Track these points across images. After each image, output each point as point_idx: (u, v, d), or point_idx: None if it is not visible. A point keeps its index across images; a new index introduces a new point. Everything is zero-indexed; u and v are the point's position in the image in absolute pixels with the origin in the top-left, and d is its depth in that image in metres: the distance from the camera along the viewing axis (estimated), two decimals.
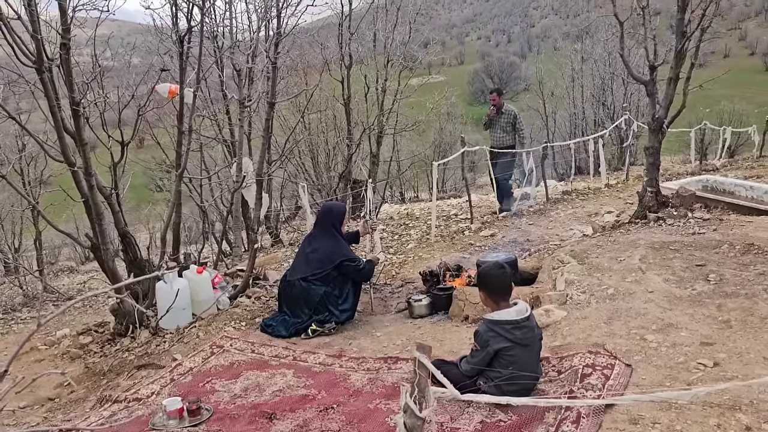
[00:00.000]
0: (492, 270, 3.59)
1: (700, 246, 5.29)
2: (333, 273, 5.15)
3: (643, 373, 3.48)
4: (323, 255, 5.16)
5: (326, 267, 5.12)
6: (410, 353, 4.55)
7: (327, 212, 5.42)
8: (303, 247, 5.38)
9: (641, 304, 4.27)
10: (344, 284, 5.20)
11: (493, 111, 9.31)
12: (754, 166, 11.43)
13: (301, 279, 5.16)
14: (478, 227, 8.70)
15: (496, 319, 3.42)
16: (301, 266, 5.23)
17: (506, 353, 3.36)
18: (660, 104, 6.09)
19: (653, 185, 6.23)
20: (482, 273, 3.62)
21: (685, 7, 5.72)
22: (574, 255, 5.43)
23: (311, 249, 5.24)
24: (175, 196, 5.42)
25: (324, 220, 5.36)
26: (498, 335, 3.38)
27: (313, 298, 5.10)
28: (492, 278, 3.53)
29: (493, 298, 3.50)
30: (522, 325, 3.39)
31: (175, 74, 5.64)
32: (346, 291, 5.20)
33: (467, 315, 5.05)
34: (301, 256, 5.31)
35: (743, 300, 4.16)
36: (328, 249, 5.18)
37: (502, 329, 3.37)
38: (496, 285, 3.51)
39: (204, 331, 5.34)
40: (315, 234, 5.34)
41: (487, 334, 3.41)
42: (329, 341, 5.01)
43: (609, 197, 9.75)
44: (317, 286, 5.11)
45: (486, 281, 3.55)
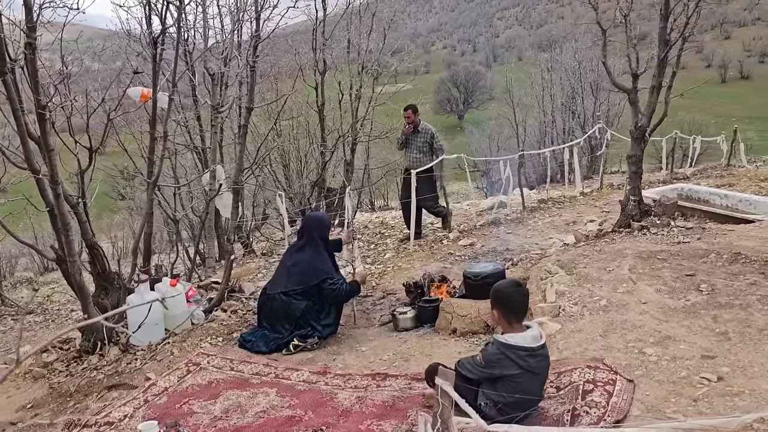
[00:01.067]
0: (508, 288, 3.36)
1: (687, 255, 5.24)
2: (314, 288, 4.93)
3: (646, 388, 3.36)
4: (305, 269, 4.94)
5: (307, 283, 4.90)
6: (398, 369, 4.38)
7: (313, 223, 5.20)
8: (285, 259, 5.16)
9: (636, 316, 4.17)
10: (327, 299, 4.99)
11: (409, 129, 8.52)
12: (724, 174, 11.60)
13: (282, 293, 4.93)
14: (456, 236, 8.57)
15: (510, 344, 3.16)
16: (281, 279, 5.00)
17: (514, 380, 3.15)
18: (642, 113, 6.06)
19: (636, 194, 6.19)
20: (498, 290, 3.36)
21: (667, 16, 5.70)
22: (561, 265, 5.32)
23: (293, 262, 5.02)
24: (148, 206, 5.14)
25: (309, 232, 5.14)
26: (509, 360, 3.13)
27: (294, 313, 4.89)
28: (509, 297, 3.29)
29: (507, 318, 3.27)
30: (537, 354, 3.18)
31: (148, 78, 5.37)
32: (329, 305, 4.99)
33: (455, 328, 4.89)
34: (282, 269, 5.09)
35: (738, 311, 4.09)
36: (311, 264, 4.96)
37: (516, 355, 3.14)
38: (512, 304, 3.28)
39: (178, 347, 5.06)
40: (299, 246, 5.12)
41: (496, 356, 3.16)
42: (312, 357, 4.79)
43: (585, 206, 9.75)
44: (298, 301, 4.90)
45: (501, 299, 3.30)
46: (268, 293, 5.01)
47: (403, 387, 4.04)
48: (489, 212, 10.02)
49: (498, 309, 3.28)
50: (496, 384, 3.21)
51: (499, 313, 3.26)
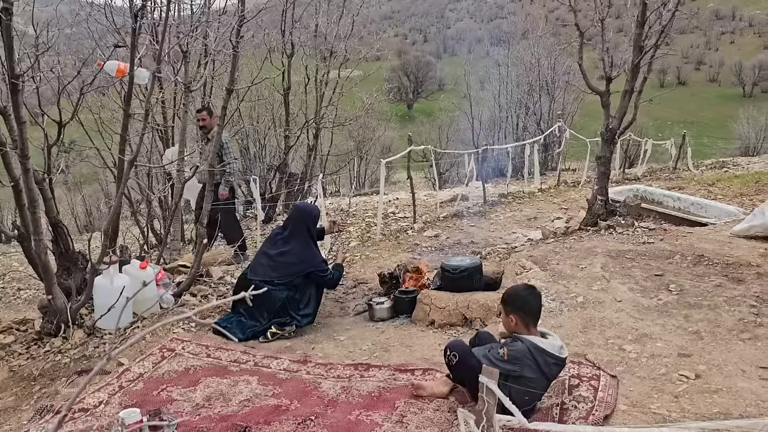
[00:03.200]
0: (523, 292, 3.37)
1: (653, 256, 5.45)
2: (297, 279, 4.88)
3: (629, 384, 3.50)
4: (293, 260, 4.88)
5: (296, 273, 4.85)
6: (379, 359, 4.40)
7: (302, 213, 5.12)
8: (267, 247, 5.06)
9: (613, 314, 4.33)
10: (307, 288, 4.95)
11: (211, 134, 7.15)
12: (672, 177, 12.11)
13: (263, 281, 4.85)
14: (420, 227, 8.64)
15: (542, 347, 3.17)
16: (264, 269, 4.92)
17: (529, 381, 3.17)
18: (614, 115, 6.25)
19: (603, 194, 6.39)
20: (514, 295, 3.35)
21: (643, 23, 5.88)
22: (535, 261, 5.45)
23: (278, 251, 4.94)
24: (122, 185, 4.95)
25: (298, 222, 5.06)
26: (534, 363, 3.14)
27: (275, 303, 4.82)
28: (526, 301, 3.29)
29: (526, 322, 3.28)
30: (560, 364, 3.25)
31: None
32: (308, 295, 4.96)
33: (433, 320, 4.94)
34: (263, 258, 5.00)
35: (707, 311, 4.30)
36: (299, 255, 4.90)
37: (543, 360, 3.15)
38: (531, 308, 3.29)
39: (151, 332, 4.91)
40: (285, 236, 5.03)
41: (526, 357, 3.15)
42: (290, 345, 4.75)
43: (544, 202, 9.99)
44: (279, 291, 4.83)
45: (519, 304, 3.29)
46: (249, 279, 4.92)
47: (387, 378, 4.06)
48: (451, 204, 10.13)
49: (517, 314, 3.28)
50: (508, 379, 3.18)
51: (518, 318, 3.26)
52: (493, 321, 4.73)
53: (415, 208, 8.91)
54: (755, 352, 3.73)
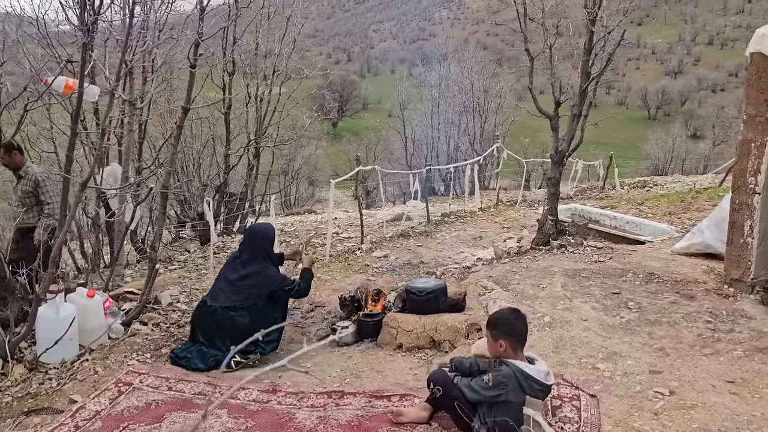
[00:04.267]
0: (510, 316, 3.37)
1: (607, 274, 5.64)
2: (261, 302, 4.72)
3: (609, 403, 3.57)
4: (255, 282, 4.71)
5: (258, 297, 4.68)
6: (352, 386, 4.30)
7: (257, 235, 4.96)
8: (227, 272, 4.87)
9: (581, 333, 4.42)
10: (271, 313, 4.79)
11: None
12: (602, 196, 12.66)
13: (225, 307, 4.66)
14: (369, 247, 8.60)
15: (527, 373, 3.15)
16: (226, 294, 4.72)
17: (514, 407, 3.16)
18: (563, 138, 6.47)
19: (553, 213, 6.57)
20: (501, 320, 3.34)
21: (590, 49, 6.14)
22: (496, 281, 5.52)
23: (239, 276, 4.76)
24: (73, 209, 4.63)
25: (254, 245, 4.90)
26: (520, 388, 3.12)
27: (237, 330, 4.63)
28: (513, 325, 3.28)
29: (514, 346, 3.28)
30: (546, 391, 3.25)
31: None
32: (271, 322, 4.79)
33: (401, 343, 4.89)
34: (224, 283, 4.80)
35: (668, 328, 4.47)
36: (260, 277, 4.74)
37: (528, 386, 3.13)
38: (518, 332, 3.29)
39: (101, 365, 4.60)
40: (243, 260, 4.85)
41: (512, 382, 3.13)
42: (255, 374, 4.56)
43: (486, 221, 10.17)
44: (242, 317, 4.65)
45: (507, 329, 3.27)
46: (209, 306, 4.71)
47: (364, 405, 3.97)
48: (394, 224, 10.14)
49: (505, 339, 3.26)
50: (492, 406, 3.18)
51: (507, 343, 3.25)
52: (462, 343, 4.74)
53: (363, 229, 8.84)
54: (720, 366, 3.89)
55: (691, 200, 10.28)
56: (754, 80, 4.94)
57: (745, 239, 5.14)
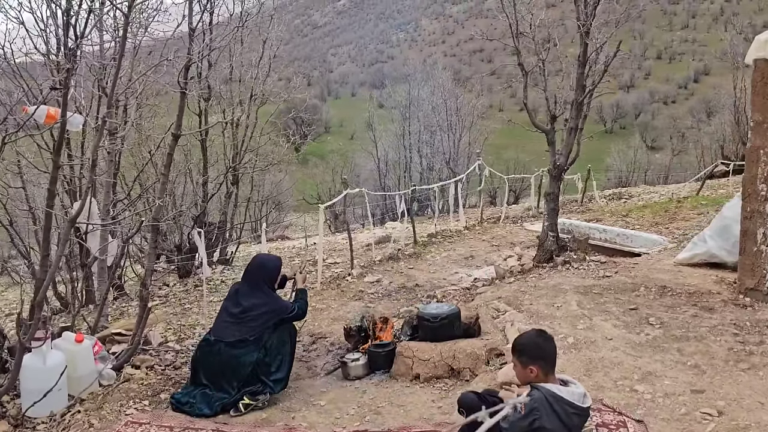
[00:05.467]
0: (538, 338, 3.12)
1: (618, 289, 5.49)
2: (267, 334, 4.41)
3: (657, 428, 3.37)
4: (259, 314, 4.40)
5: (264, 328, 4.38)
6: (374, 424, 4.01)
7: (260, 267, 4.65)
8: (228, 305, 4.54)
9: (610, 353, 4.23)
10: (279, 349, 4.47)
11: None
12: (583, 210, 12.66)
13: (229, 344, 4.33)
14: (359, 272, 8.32)
15: (560, 396, 2.91)
16: (230, 328, 4.39)
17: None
18: (560, 152, 6.35)
19: (554, 229, 6.43)
20: (529, 344, 3.08)
21: (585, 63, 6.06)
22: (508, 302, 5.31)
23: (241, 309, 4.44)
24: (61, 248, 4.27)
25: (255, 276, 4.60)
26: (553, 412, 2.87)
27: (245, 369, 4.31)
28: (543, 349, 3.03)
29: (546, 371, 3.04)
30: (583, 414, 3.02)
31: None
32: (280, 358, 4.47)
33: (417, 373, 4.62)
34: (227, 316, 4.48)
35: (696, 343, 4.32)
36: (264, 308, 4.43)
37: (562, 410, 2.88)
38: (548, 355, 3.03)
39: (96, 416, 4.21)
40: (244, 291, 4.54)
41: (541, 404, 2.88)
42: (266, 416, 4.23)
43: (474, 240, 10.01)
44: (249, 354, 4.33)
45: (536, 353, 3.01)
46: (211, 344, 4.37)
47: None
48: (380, 246, 9.90)
49: (535, 364, 3.02)
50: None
51: (538, 368, 3.01)
52: (483, 370, 4.50)
53: (352, 254, 8.58)
54: (762, 382, 3.74)
55: (675, 210, 10.31)
56: (759, 87, 4.90)
57: (759, 247, 5.06)
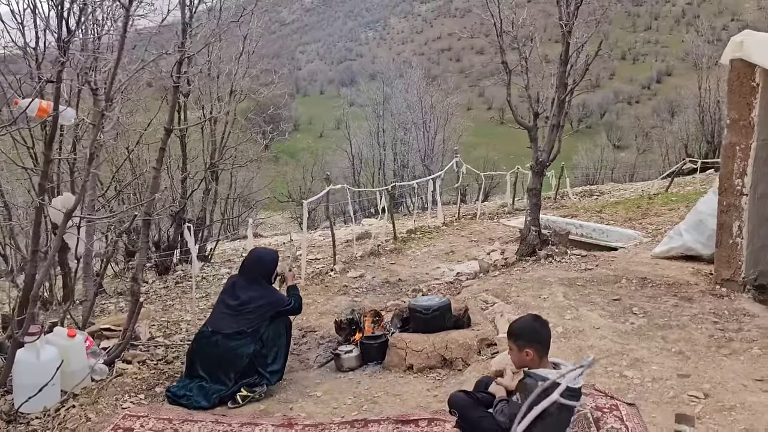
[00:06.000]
0: (534, 323, 3.25)
1: (601, 281, 5.67)
2: (264, 327, 4.45)
3: (649, 411, 3.52)
4: (257, 307, 4.44)
5: (261, 320, 4.42)
6: (372, 413, 4.09)
7: (257, 261, 4.69)
8: (226, 298, 4.57)
9: (598, 341, 4.38)
10: (275, 341, 4.52)
11: None
12: (557, 206, 12.91)
13: (227, 336, 4.36)
14: (342, 268, 8.38)
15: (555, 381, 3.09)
16: (227, 320, 4.42)
17: (549, 417, 3.05)
18: (543, 149, 6.51)
19: (536, 224, 6.59)
20: (525, 328, 3.22)
21: (567, 61, 6.23)
22: (496, 294, 5.44)
23: (239, 301, 4.47)
24: (57, 241, 4.23)
25: (253, 270, 4.64)
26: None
27: (242, 360, 4.34)
28: (538, 333, 3.18)
29: (540, 354, 3.18)
30: (576, 395, 3.15)
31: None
32: (276, 350, 4.53)
33: (411, 364, 4.71)
34: (225, 307, 4.50)
35: (679, 331, 4.50)
36: (262, 301, 4.48)
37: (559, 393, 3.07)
38: (543, 339, 3.19)
39: (92, 410, 4.20)
40: (242, 284, 4.58)
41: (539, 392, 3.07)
42: (264, 408, 4.28)
43: (453, 236, 10.15)
44: (246, 345, 4.37)
45: (532, 337, 3.16)
46: (208, 336, 4.39)
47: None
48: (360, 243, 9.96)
49: (531, 347, 3.16)
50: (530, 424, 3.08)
51: (533, 351, 3.15)
52: (476, 360, 4.62)
53: (335, 249, 8.63)
54: (743, 366, 3.93)
55: (647, 206, 10.61)
56: (735, 86, 5.11)
57: (734, 240, 5.28)
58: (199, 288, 8.78)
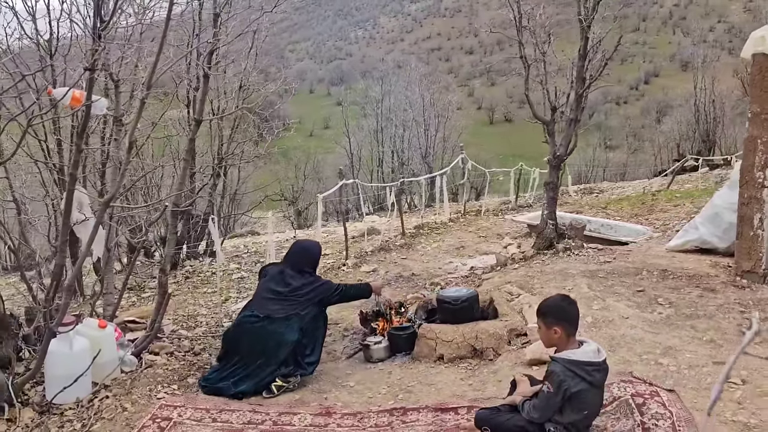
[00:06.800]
0: (562, 302, 3.33)
1: (622, 273, 5.73)
2: (311, 312, 4.49)
3: (689, 397, 3.57)
4: (308, 292, 4.51)
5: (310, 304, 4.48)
6: (409, 402, 4.11)
7: (305, 251, 4.77)
8: (273, 284, 4.56)
9: (629, 330, 4.43)
10: (314, 333, 4.56)
11: None
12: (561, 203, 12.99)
13: (276, 320, 4.38)
14: (354, 263, 8.40)
15: (574, 359, 3.12)
16: (275, 305, 4.43)
17: (582, 396, 3.12)
18: (561, 143, 6.57)
19: (553, 218, 6.64)
20: (554, 307, 3.30)
21: (585, 55, 6.29)
22: (520, 286, 5.48)
23: (291, 288, 4.51)
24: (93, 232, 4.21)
25: (300, 259, 4.68)
26: (576, 377, 3.10)
27: (286, 347, 4.36)
28: (567, 311, 3.26)
29: (568, 333, 3.25)
30: (602, 368, 3.21)
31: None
32: (314, 342, 4.57)
33: (441, 354, 4.74)
34: (272, 293, 4.50)
35: (708, 321, 4.56)
36: (313, 286, 4.57)
37: (583, 371, 3.10)
38: (571, 318, 3.26)
39: (128, 400, 4.19)
40: (290, 273, 4.60)
41: (564, 374, 3.11)
42: (299, 397, 4.30)
43: (461, 231, 10.19)
44: (291, 332, 4.38)
45: (561, 315, 3.24)
46: (257, 321, 4.39)
47: (433, 420, 3.79)
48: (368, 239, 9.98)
49: (560, 325, 3.21)
50: (563, 405, 3.16)
51: (561, 329, 3.20)
52: (506, 350, 4.65)
53: (347, 244, 8.64)
54: None
55: (651, 203, 10.71)
56: (758, 80, 5.18)
57: (755, 231, 5.35)
58: (209, 282, 8.77)
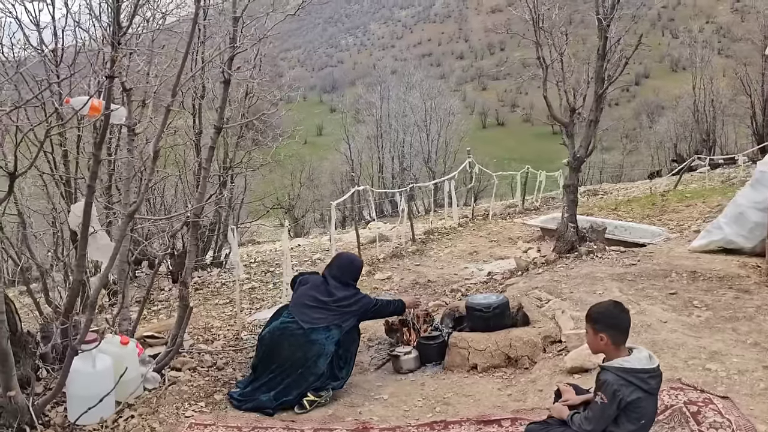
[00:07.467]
0: (614, 309, 3.19)
1: (650, 276, 5.61)
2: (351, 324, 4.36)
3: (745, 404, 3.44)
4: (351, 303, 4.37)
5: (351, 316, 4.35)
6: (448, 414, 3.96)
7: (349, 264, 4.63)
8: (315, 293, 4.40)
9: (670, 335, 4.31)
10: (349, 347, 4.42)
11: None
12: None
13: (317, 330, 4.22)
14: (368, 270, 8.25)
15: (628, 368, 2.99)
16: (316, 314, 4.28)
17: (638, 405, 2.99)
18: (581, 144, 6.46)
19: (574, 221, 6.52)
20: (603, 313, 3.17)
21: (605, 55, 6.19)
22: (549, 292, 5.35)
23: (334, 298, 4.36)
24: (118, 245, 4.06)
25: (344, 271, 4.54)
26: (631, 385, 2.98)
27: (326, 358, 4.21)
28: (618, 318, 3.13)
29: (616, 341, 3.10)
30: (657, 374, 3.08)
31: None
32: (348, 356, 4.44)
33: (475, 364, 4.60)
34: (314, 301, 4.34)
35: (748, 323, 4.44)
36: (355, 298, 4.43)
37: (638, 379, 2.97)
38: (622, 326, 3.13)
39: (155, 420, 4.02)
40: (334, 284, 4.45)
41: (618, 383, 2.98)
42: (332, 412, 4.14)
43: (471, 236, 10.07)
44: (331, 342, 4.23)
45: (611, 323, 3.10)
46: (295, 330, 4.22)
47: None
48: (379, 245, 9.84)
49: (607, 333, 3.08)
50: (619, 415, 3.03)
51: (608, 338, 3.07)
52: (542, 358, 4.52)
53: (360, 250, 8.50)
54: None
55: (662, 204, 10.63)
56: None
57: None
58: (220, 294, 8.60)
